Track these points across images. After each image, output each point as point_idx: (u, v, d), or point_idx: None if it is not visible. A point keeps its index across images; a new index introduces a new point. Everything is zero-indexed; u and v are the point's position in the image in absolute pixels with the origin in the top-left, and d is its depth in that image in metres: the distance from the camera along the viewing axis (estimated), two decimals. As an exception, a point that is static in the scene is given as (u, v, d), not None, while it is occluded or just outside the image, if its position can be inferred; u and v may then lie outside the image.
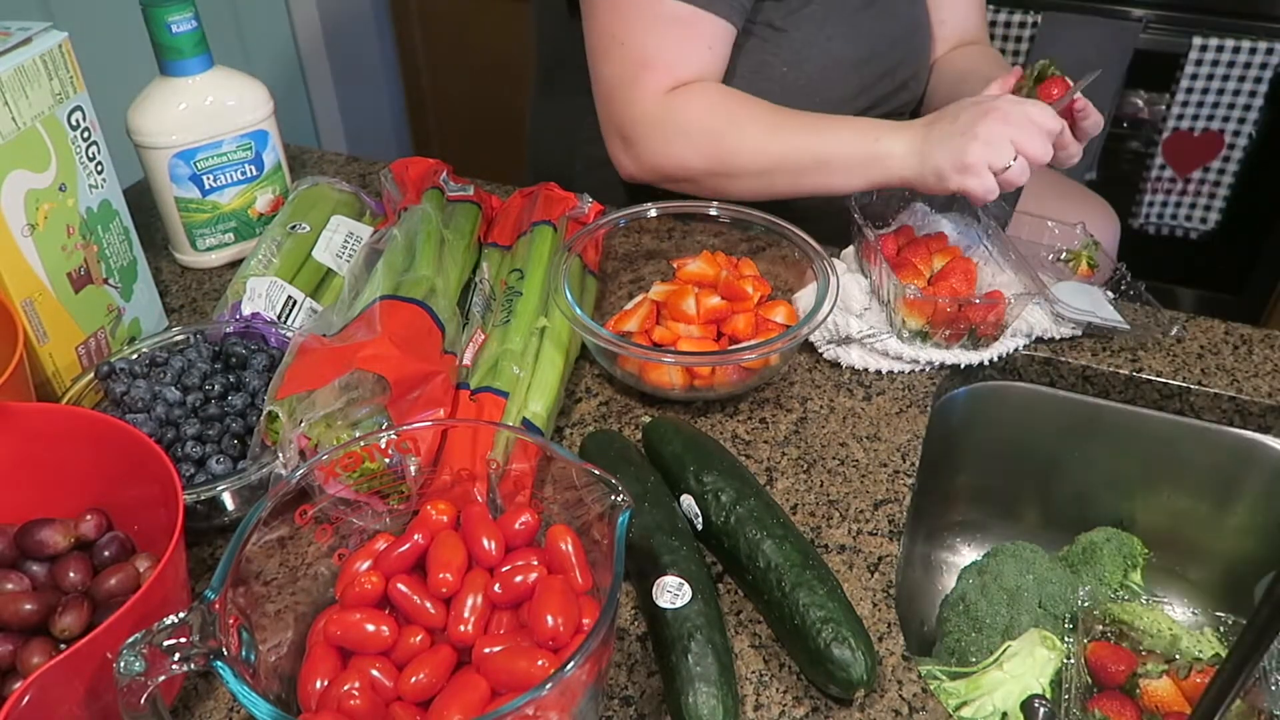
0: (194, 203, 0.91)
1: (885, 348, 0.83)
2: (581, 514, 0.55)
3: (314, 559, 0.56)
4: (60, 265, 0.72)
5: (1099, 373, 0.85)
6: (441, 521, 0.56)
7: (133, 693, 0.44)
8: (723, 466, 0.66)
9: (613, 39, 0.88)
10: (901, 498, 0.72)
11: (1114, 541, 0.83)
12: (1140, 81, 1.71)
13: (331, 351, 0.66)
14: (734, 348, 0.76)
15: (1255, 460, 0.83)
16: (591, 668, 0.48)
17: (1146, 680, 0.69)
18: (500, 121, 2.18)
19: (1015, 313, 0.83)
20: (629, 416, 0.78)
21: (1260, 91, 1.63)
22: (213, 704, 0.58)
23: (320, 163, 1.14)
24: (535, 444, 0.58)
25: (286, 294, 0.82)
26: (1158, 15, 1.65)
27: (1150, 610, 0.75)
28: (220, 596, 0.46)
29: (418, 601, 0.52)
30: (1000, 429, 0.90)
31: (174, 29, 0.84)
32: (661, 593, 0.57)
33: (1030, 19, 1.68)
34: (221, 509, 0.66)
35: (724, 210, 0.87)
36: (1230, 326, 0.88)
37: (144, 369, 0.72)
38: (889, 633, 0.62)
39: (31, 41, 0.68)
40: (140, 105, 0.87)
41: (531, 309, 0.78)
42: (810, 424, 0.78)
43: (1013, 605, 0.76)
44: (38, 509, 0.60)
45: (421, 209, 0.84)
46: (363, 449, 0.57)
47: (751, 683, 0.59)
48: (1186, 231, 1.83)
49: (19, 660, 0.53)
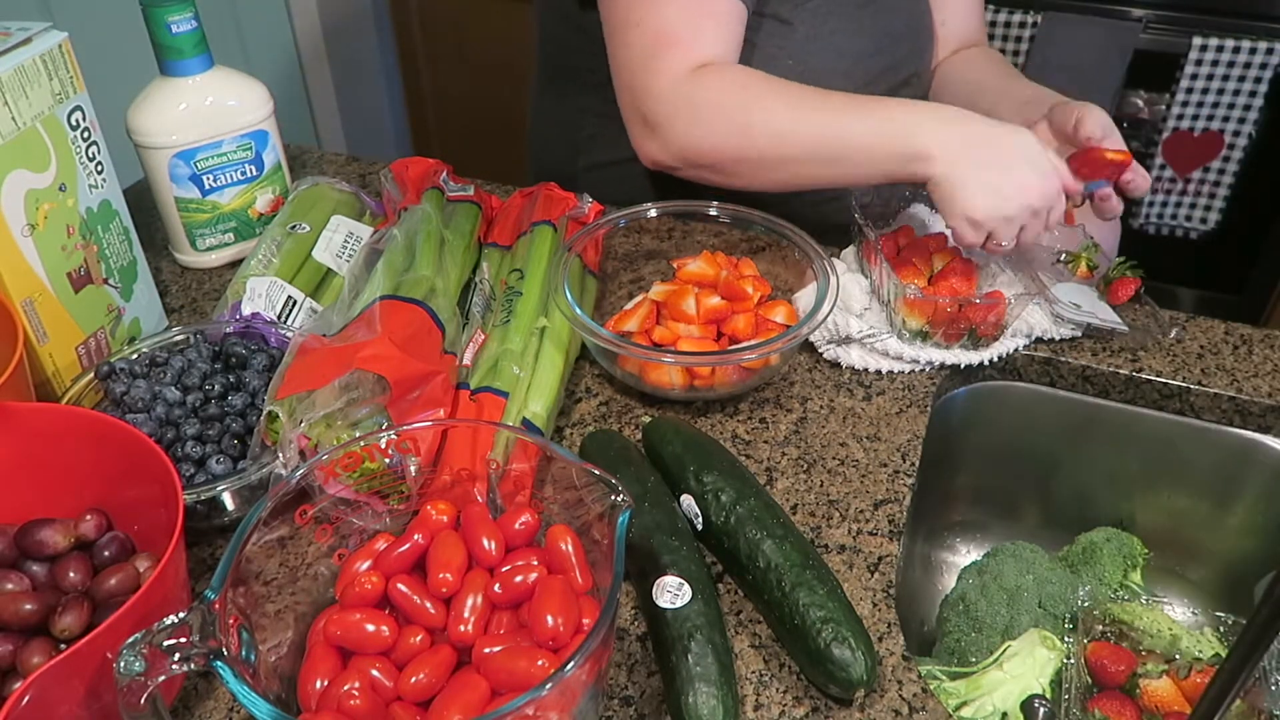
0: (194, 203, 0.91)
1: (885, 348, 0.83)
2: (581, 514, 0.55)
3: (314, 559, 0.56)
4: (60, 265, 0.72)
5: (1099, 373, 0.85)
6: (441, 521, 0.56)
7: (133, 693, 0.44)
8: (723, 466, 0.66)
9: (628, 22, 0.86)
10: (901, 498, 0.72)
11: (1114, 541, 0.83)
12: (1140, 81, 1.71)
13: (331, 351, 0.66)
14: (734, 348, 0.76)
15: (1255, 460, 0.83)
16: (591, 668, 0.48)
17: (1146, 680, 0.69)
18: (500, 121, 2.18)
19: (1015, 313, 0.83)
20: (629, 416, 0.78)
21: (1260, 91, 1.63)
22: (213, 704, 0.58)
23: (320, 163, 1.14)
24: (535, 444, 0.58)
25: (286, 294, 0.82)
26: (1158, 15, 1.65)
27: (1150, 610, 0.75)
28: (220, 596, 0.47)
29: (418, 601, 0.52)
30: (1000, 429, 0.90)
31: (174, 29, 0.84)
32: (661, 593, 0.57)
33: (1030, 19, 1.68)
34: (221, 509, 0.66)
35: (724, 210, 0.87)
36: (1230, 326, 0.88)
37: (144, 369, 0.72)
38: (889, 633, 0.62)
39: (31, 41, 0.68)
40: (140, 105, 0.87)
41: (531, 309, 0.78)
42: (810, 424, 0.78)
43: (1013, 605, 0.76)
44: (38, 509, 0.60)
45: (421, 209, 0.84)
46: (363, 449, 0.57)
47: (751, 683, 0.59)
48: (1186, 231, 1.83)
49: (19, 660, 0.53)
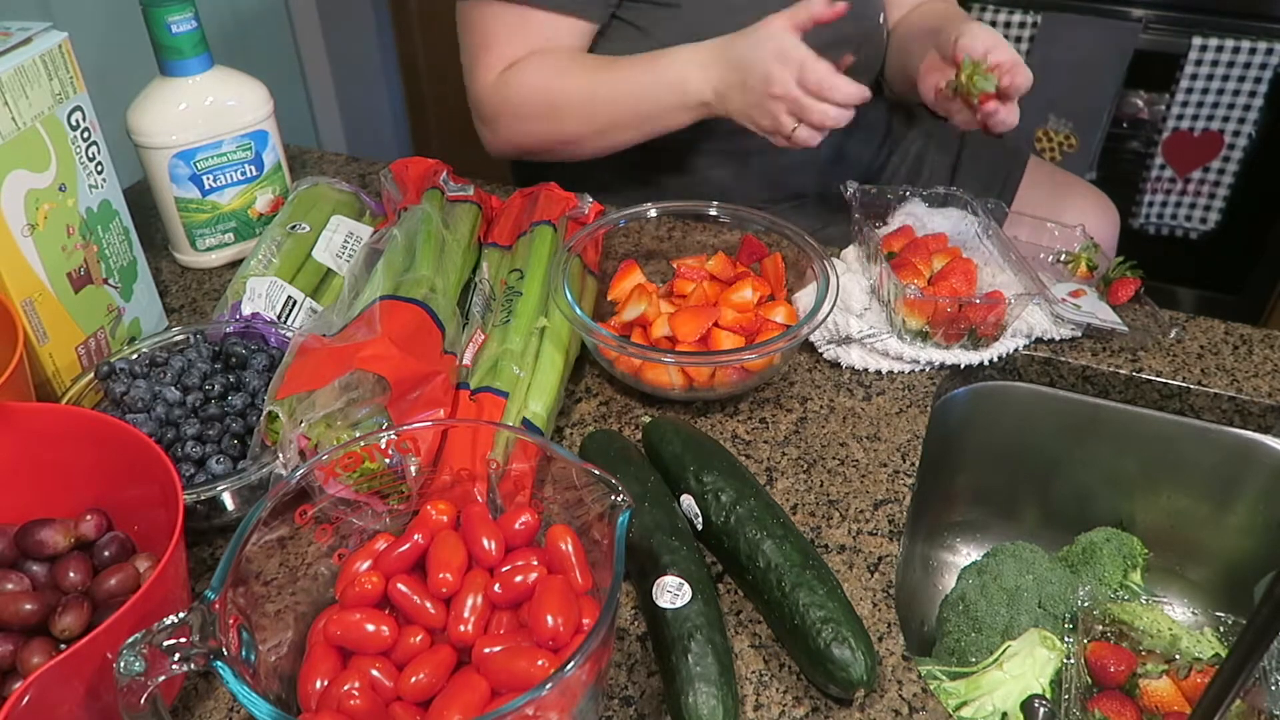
0: (194, 203, 0.91)
1: (885, 348, 0.83)
2: (581, 514, 0.55)
3: (314, 559, 0.56)
4: (60, 265, 0.72)
5: (1099, 373, 0.85)
6: (441, 521, 0.56)
7: (133, 693, 0.44)
8: (723, 466, 0.66)
9: (461, 32, 0.96)
10: (901, 498, 0.72)
11: (1114, 541, 0.83)
12: (1140, 81, 1.71)
13: (331, 351, 0.66)
14: (734, 348, 0.76)
15: (1255, 460, 0.83)
16: (591, 668, 0.48)
17: (1146, 680, 0.69)
18: (500, 121, 2.17)
19: (1015, 313, 0.83)
20: (629, 416, 0.78)
21: (1260, 91, 1.63)
22: (213, 704, 0.58)
23: (320, 163, 1.14)
24: (535, 444, 0.58)
25: (286, 294, 0.82)
26: (1158, 15, 1.65)
27: (1150, 610, 0.75)
28: (220, 596, 0.47)
29: (418, 601, 0.52)
30: (1000, 429, 0.90)
31: (174, 29, 0.84)
32: (661, 593, 0.57)
33: (1030, 19, 1.68)
34: (221, 509, 0.66)
35: (724, 210, 0.87)
36: (1230, 326, 0.88)
37: (144, 369, 0.72)
38: (889, 633, 0.62)
39: (31, 41, 0.68)
40: (140, 105, 0.87)
41: (531, 309, 0.78)
42: (810, 424, 0.78)
43: (1012, 605, 0.76)
44: (38, 509, 0.60)
45: (421, 209, 0.84)
46: (363, 449, 0.57)
47: (751, 683, 0.59)
48: (1186, 231, 1.83)
49: (19, 660, 0.53)
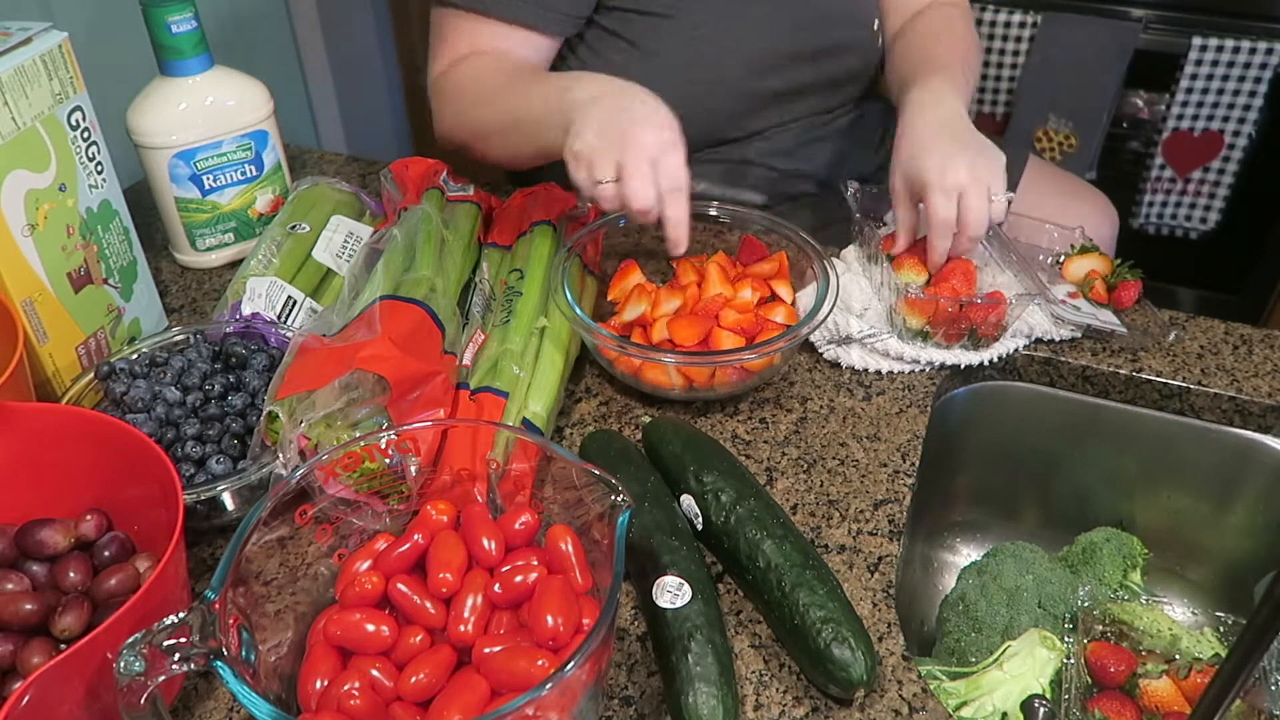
0: (194, 203, 0.91)
1: (885, 348, 0.83)
2: (581, 514, 0.55)
3: (314, 559, 0.56)
4: (60, 265, 0.72)
5: (1099, 373, 0.85)
6: (441, 521, 0.56)
7: (133, 693, 0.44)
8: (723, 466, 0.66)
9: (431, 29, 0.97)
10: (901, 498, 0.72)
11: (1114, 541, 0.83)
12: (1140, 81, 1.71)
13: (331, 351, 0.66)
14: (734, 348, 0.76)
15: (1255, 460, 0.83)
16: (591, 668, 0.48)
17: (1146, 680, 0.69)
18: (500, 121, 2.17)
19: (1016, 313, 0.83)
20: (629, 416, 0.78)
21: (1260, 91, 1.63)
22: (213, 704, 0.58)
23: (320, 163, 1.14)
24: (535, 444, 0.58)
25: (286, 294, 0.82)
26: (1157, 15, 1.65)
27: (1150, 610, 0.75)
28: (220, 596, 0.46)
29: (418, 601, 0.52)
30: (1000, 429, 0.89)
31: (174, 29, 0.84)
32: (661, 593, 0.57)
33: (1030, 19, 1.68)
34: (221, 509, 0.66)
35: (724, 210, 0.87)
36: (1230, 326, 0.88)
37: (144, 369, 0.72)
38: (889, 633, 0.62)
39: (31, 41, 0.68)
40: (140, 105, 0.87)
41: (531, 309, 0.78)
42: (810, 424, 0.78)
43: (1012, 605, 0.76)
44: (38, 509, 0.60)
45: (421, 209, 0.84)
46: (363, 449, 0.57)
47: (751, 683, 0.59)
48: (1186, 231, 1.83)
49: (19, 660, 0.53)
